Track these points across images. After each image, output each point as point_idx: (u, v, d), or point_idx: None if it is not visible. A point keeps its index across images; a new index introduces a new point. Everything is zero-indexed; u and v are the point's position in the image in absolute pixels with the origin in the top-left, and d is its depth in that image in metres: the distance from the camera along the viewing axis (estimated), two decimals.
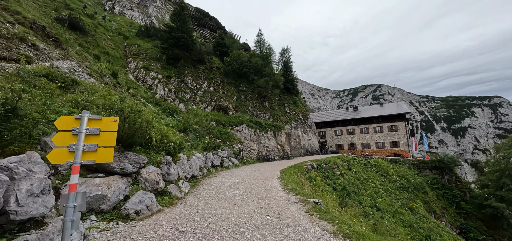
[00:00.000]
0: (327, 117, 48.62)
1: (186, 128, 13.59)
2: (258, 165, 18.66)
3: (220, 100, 25.82)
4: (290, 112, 36.82)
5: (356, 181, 24.72)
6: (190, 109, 16.40)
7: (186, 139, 12.66)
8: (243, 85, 31.31)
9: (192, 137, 13.98)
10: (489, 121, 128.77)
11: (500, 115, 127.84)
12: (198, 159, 10.15)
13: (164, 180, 6.10)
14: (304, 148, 34.59)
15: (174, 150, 7.07)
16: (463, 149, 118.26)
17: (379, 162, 32.94)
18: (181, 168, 7.65)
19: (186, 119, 13.90)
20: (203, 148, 12.82)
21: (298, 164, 20.07)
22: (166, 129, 10.07)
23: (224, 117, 23.08)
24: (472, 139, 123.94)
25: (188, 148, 10.96)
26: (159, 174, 5.67)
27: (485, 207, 30.00)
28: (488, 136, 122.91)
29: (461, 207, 31.40)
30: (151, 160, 5.95)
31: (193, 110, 15.02)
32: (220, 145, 16.79)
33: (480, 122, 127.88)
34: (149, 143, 6.52)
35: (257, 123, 25.91)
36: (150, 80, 21.64)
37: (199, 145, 13.12)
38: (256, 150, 24.36)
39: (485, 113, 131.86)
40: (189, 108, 17.24)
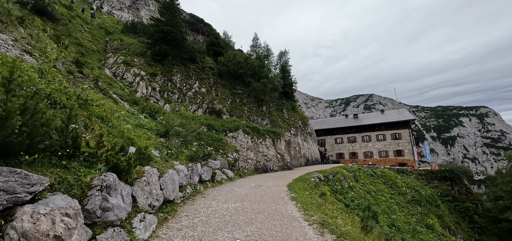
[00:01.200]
0: (327, 124, 46.18)
1: (168, 131, 10.51)
2: (257, 178, 15.61)
3: (213, 103, 22.85)
4: (289, 118, 34.12)
5: (366, 195, 21.95)
6: (174, 108, 13.36)
7: (166, 146, 9.57)
8: (238, 88, 28.49)
9: (176, 143, 10.88)
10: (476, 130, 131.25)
11: (487, 125, 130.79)
12: (178, 173, 7.08)
13: (93, 221, 3.06)
14: (305, 157, 31.74)
15: (128, 162, 4.04)
16: (453, 158, 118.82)
17: (385, 173, 30.39)
18: (144, 192, 4.61)
19: (168, 121, 10.84)
20: (189, 157, 9.74)
21: (304, 176, 17.16)
22: (131, 130, 6.99)
23: (217, 121, 20.06)
24: (461, 148, 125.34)
25: (165, 158, 7.88)
26: (76, 213, 2.64)
27: (501, 221, 27.59)
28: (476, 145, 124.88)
29: (474, 221, 28.92)
30: (63, 183, 2.93)
31: (179, 110, 12.11)
32: (212, 153, 13.73)
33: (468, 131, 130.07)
34: (74, 148, 3.48)
35: (254, 129, 22.99)
36: (131, 77, 18.54)
37: (183, 153, 10.04)
38: (254, 160, 21.31)
39: (472, 123, 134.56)
40: (173, 107, 14.18)
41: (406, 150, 36.69)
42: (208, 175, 10.67)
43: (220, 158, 14.60)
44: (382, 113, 44.78)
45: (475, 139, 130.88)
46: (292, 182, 13.51)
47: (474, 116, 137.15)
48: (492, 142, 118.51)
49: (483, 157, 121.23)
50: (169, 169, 6.42)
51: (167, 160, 7.93)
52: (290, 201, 7.77)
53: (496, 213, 28.35)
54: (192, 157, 9.79)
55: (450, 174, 30.63)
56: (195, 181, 8.89)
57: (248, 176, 17.72)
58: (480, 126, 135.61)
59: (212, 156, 13.30)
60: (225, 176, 13.53)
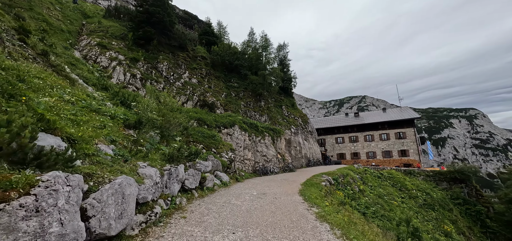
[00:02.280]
0: (327, 123, 43.82)
1: (140, 121, 7.64)
2: (258, 182, 12.85)
3: (205, 96, 19.98)
4: (289, 115, 31.53)
5: (379, 199, 19.52)
6: (153, 91, 10.39)
7: (134, 140, 6.72)
8: (234, 81, 25.71)
9: (152, 137, 8.03)
10: (466, 132, 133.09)
11: (476, 126, 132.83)
12: (141, 182, 4.27)
13: None
14: (306, 158, 29.18)
15: None
16: (444, 159, 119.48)
17: (393, 174, 28.14)
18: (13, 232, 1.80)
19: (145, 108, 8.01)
20: (168, 156, 6.91)
21: (312, 180, 14.54)
22: (68, 111, 4.16)
23: (209, 116, 17.24)
24: (451, 148, 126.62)
25: (125, 157, 5.05)
26: None
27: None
28: (466, 145, 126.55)
29: (486, 225, 26.86)
30: None
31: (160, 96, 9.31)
32: (201, 152, 10.93)
33: (458, 133, 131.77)
34: None
35: (252, 126, 20.25)
36: (106, 61, 15.50)
37: (161, 151, 7.20)
38: (252, 160, 18.56)
39: (462, 125, 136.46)
40: (151, 90, 11.13)
41: (411, 149, 34.66)
42: (196, 181, 7.85)
43: (212, 158, 11.79)
44: (384, 111, 42.78)
45: (465, 140, 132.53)
46: (303, 187, 10.85)
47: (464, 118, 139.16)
48: (481, 143, 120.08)
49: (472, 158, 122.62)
50: (118, 177, 3.59)
51: (128, 159, 5.09)
52: (317, 221, 5.07)
53: (510, 217, 26.40)
54: (171, 156, 6.95)
55: (460, 175, 28.67)
56: (173, 190, 6.07)
57: (246, 179, 14.96)
58: (469, 127, 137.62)
59: (202, 156, 10.49)
60: (218, 180, 10.72)
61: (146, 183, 4.73)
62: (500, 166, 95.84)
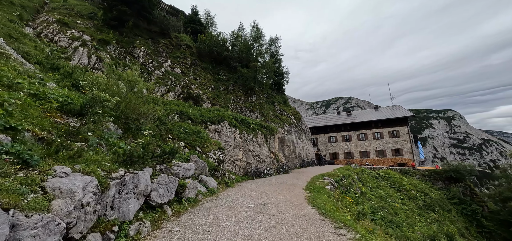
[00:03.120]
0: (319, 122, 42.40)
1: (89, 106, 5.19)
2: (252, 187, 10.64)
3: (190, 88, 17.51)
4: (282, 112, 29.59)
5: (381, 202, 18.00)
6: (113, 66, 7.84)
7: (75, 132, 4.33)
8: (223, 73, 23.37)
9: (109, 128, 5.62)
10: (445, 132, 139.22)
11: (454, 127, 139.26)
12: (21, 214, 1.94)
13: None
14: (300, 158, 27.35)
15: None
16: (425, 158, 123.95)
17: (390, 174, 26.98)
18: None
19: (90, 84, 5.60)
20: (124, 155, 4.54)
21: (314, 183, 12.59)
22: None
23: (194, 110, 14.85)
24: (431, 148, 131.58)
25: (28, 158, 2.67)
26: None
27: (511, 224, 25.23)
28: (445, 145, 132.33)
29: (482, 225, 26.25)
30: None
31: (123, 75, 6.91)
32: (182, 151, 8.62)
33: (438, 133, 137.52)
34: None
35: (243, 122, 18.06)
36: (66, 41, 12.66)
37: (119, 150, 4.81)
38: (243, 161, 16.35)
39: (441, 125, 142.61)
40: (109, 65, 8.53)
41: (405, 148, 33.90)
42: (169, 191, 5.52)
43: (197, 158, 9.46)
44: (376, 110, 42.06)
45: (444, 139, 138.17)
46: (309, 194, 8.80)
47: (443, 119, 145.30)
48: (458, 143, 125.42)
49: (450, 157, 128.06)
50: None
51: (34, 162, 2.73)
52: None
53: (506, 216, 25.97)
54: (130, 157, 4.60)
55: (456, 174, 28.02)
56: (126, 212, 3.74)
57: (237, 183, 12.72)
58: (447, 127, 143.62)
59: (181, 155, 8.16)
60: (203, 187, 8.41)
61: (55, 207, 2.41)
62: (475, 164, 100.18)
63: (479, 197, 29.14)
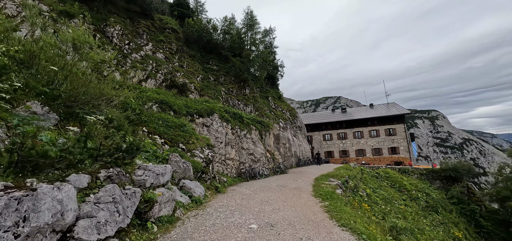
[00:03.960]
0: (314, 119, 40.84)
1: None
2: (247, 193, 8.54)
3: (174, 75, 15.12)
4: (276, 108, 27.66)
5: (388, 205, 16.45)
6: (33, 11, 5.46)
7: None
8: (213, 63, 21.06)
9: (32, 110, 3.32)
10: (428, 131, 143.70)
11: (437, 126, 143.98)
12: None
13: None
14: (296, 156, 25.53)
15: None
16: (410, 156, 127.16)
17: (389, 173, 25.73)
18: None
19: None
20: (15, 156, 2.26)
21: (320, 186, 10.70)
22: None
23: (178, 99, 12.54)
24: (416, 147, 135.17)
25: None
26: None
27: (510, 224, 24.64)
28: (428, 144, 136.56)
29: (480, 225, 25.46)
30: None
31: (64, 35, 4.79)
32: (139, 146, 6.44)
33: (422, 132, 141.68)
34: None
35: (236, 116, 15.92)
36: (13, 8, 9.99)
37: None
38: (236, 160, 14.22)
39: (425, 125, 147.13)
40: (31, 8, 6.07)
41: (402, 146, 32.94)
42: (123, 213, 3.32)
43: (178, 158, 7.26)
44: (371, 107, 41.03)
45: (428, 139, 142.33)
46: (325, 204, 6.83)
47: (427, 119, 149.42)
48: (441, 142, 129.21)
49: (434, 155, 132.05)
50: None
51: None
52: None
53: (505, 216, 25.34)
54: (30, 158, 2.35)
55: (455, 173, 27.18)
56: None
57: (229, 187, 10.59)
58: (431, 127, 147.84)
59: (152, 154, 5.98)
60: (185, 197, 6.24)
61: None
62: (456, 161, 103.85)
63: (477, 196, 28.49)
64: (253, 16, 23.59)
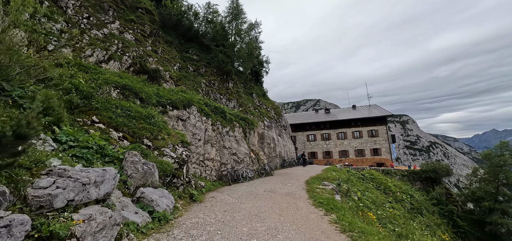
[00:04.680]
0: (297, 119, 39.95)
1: None
2: (231, 202, 6.74)
3: (146, 60, 12.83)
4: (261, 105, 26.09)
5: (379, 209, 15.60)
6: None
7: None
8: (193, 52, 18.91)
9: None
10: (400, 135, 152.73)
11: (407, 130, 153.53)
12: None
13: None
14: (280, 157, 24.13)
15: None
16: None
17: (374, 175, 25.32)
18: None
19: None
20: None
21: (315, 190, 9.26)
22: None
23: (147, 87, 10.36)
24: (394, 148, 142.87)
25: None
26: None
27: (485, 224, 25.43)
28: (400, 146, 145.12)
29: (458, 225, 26.02)
30: None
31: None
32: (29, 133, 4.41)
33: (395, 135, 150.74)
34: None
35: (217, 111, 14.02)
36: None
37: None
38: (217, 161, 12.31)
39: (397, 129, 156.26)
40: None
41: (383, 148, 33.16)
42: None
43: (138, 157, 5.26)
44: (354, 109, 41.19)
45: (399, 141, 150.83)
46: (331, 216, 5.29)
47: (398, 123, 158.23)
48: (410, 144, 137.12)
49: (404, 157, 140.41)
50: None
51: None
52: None
53: (480, 216, 26.16)
54: None
55: (435, 174, 27.61)
56: None
57: (208, 192, 8.71)
58: (402, 131, 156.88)
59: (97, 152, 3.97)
60: (143, 214, 4.30)
61: None
62: (424, 163, 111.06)
63: (454, 197, 29.24)
64: (239, 5, 21.75)
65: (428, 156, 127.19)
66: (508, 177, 25.20)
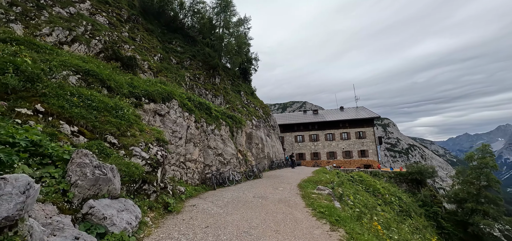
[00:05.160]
0: (286, 119, 39.21)
1: None
2: (217, 212, 5.50)
3: (121, 47, 11.23)
4: (249, 104, 24.92)
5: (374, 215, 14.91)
6: None
7: None
8: (177, 43, 17.41)
9: None
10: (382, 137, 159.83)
11: (388, 133, 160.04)
12: None
13: None
14: (269, 158, 23.08)
15: None
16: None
17: (363, 177, 24.94)
18: None
19: None
20: None
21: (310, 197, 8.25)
22: None
23: (119, 75, 8.84)
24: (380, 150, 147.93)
25: None
26: None
27: (468, 225, 25.90)
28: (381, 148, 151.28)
29: (442, 226, 26.31)
30: None
31: None
32: None
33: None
34: None
35: (202, 107, 12.71)
36: None
37: None
38: (200, 162, 10.98)
39: (379, 132, 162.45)
40: None
41: (371, 150, 33.24)
42: None
43: (88, 158, 3.87)
44: (341, 110, 41.20)
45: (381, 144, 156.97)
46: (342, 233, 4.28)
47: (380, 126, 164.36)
48: (391, 146, 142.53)
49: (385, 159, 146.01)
50: None
51: None
52: None
53: (463, 217, 26.63)
54: None
55: (420, 175, 27.83)
56: None
57: (189, 200, 7.41)
58: (384, 133, 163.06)
59: None
60: (86, 238, 2.98)
61: None
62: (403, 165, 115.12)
63: (438, 198, 29.66)
64: None
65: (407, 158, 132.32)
66: (489, 179, 25.85)
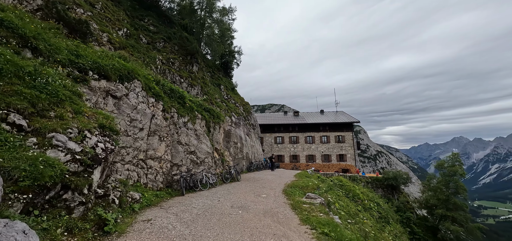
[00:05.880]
0: (266, 119, 37.87)
1: None
2: (179, 234, 3.70)
3: (71, 8, 8.76)
4: (229, 99, 23.07)
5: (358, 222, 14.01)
6: None
7: None
8: (150, 22, 15.01)
9: None
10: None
11: (359, 139, 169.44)
12: None
13: None
14: (247, 159, 21.43)
15: None
16: None
17: (343, 181, 24.41)
18: None
19: None
20: None
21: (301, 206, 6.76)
22: None
23: (52, 36, 6.51)
24: None
25: None
26: None
27: (437, 231, 26.80)
28: None
29: (414, 232, 26.85)
30: None
31: None
32: None
33: None
34: None
35: (174, 94, 10.67)
36: None
37: None
38: (167, 161, 8.95)
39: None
40: None
41: (349, 154, 33.29)
42: None
43: None
44: (322, 113, 41.10)
45: None
46: None
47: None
48: (361, 152, 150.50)
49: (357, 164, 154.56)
50: None
51: None
52: None
53: (433, 222, 27.50)
54: None
55: (395, 182, 28.24)
56: None
57: (144, 210, 5.44)
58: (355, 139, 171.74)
59: None
60: None
61: None
62: (371, 170, 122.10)
63: (410, 204, 30.39)
64: None
65: (375, 164, 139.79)
66: (457, 186, 27.00)
